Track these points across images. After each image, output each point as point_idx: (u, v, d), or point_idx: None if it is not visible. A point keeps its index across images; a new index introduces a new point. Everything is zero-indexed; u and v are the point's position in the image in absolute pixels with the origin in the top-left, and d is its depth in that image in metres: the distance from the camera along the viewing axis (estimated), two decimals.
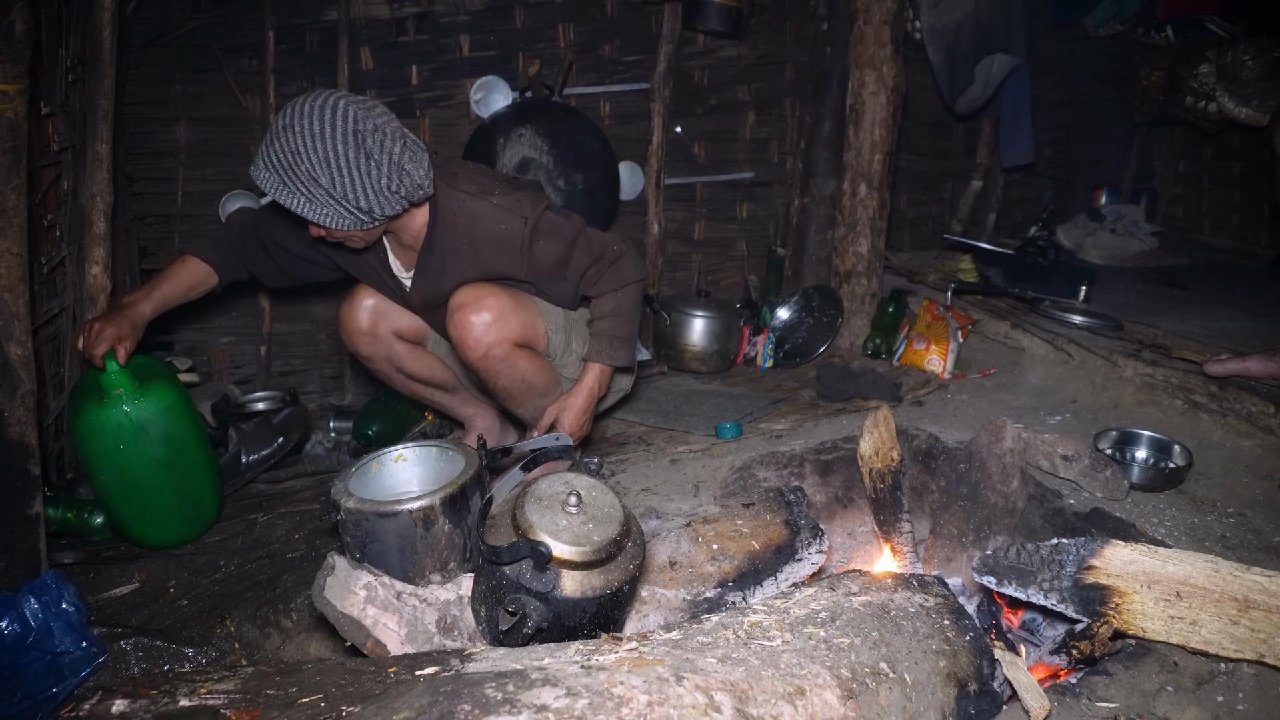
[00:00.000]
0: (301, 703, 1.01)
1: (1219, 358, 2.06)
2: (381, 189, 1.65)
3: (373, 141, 1.61)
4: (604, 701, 0.90)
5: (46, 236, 2.34)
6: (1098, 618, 1.28)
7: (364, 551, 1.43)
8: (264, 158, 1.61)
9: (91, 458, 1.91)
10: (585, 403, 1.94)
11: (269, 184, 1.62)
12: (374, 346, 2.07)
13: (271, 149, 1.59)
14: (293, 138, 1.57)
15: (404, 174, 1.67)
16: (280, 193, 1.62)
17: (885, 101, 2.69)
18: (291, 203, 1.63)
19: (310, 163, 1.58)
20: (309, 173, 1.59)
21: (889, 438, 1.81)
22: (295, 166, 1.59)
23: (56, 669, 1.56)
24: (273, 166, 1.60)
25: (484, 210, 1.82)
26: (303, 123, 1.57)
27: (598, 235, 1.92)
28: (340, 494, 1.46)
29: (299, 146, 1.57)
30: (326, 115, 1.58)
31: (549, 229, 1.85)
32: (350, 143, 1.59)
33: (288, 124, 1.58)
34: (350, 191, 1.62)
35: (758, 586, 1.51)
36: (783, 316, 3.12)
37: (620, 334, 1.93)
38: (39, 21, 2.06)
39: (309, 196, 1.62)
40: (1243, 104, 3.31)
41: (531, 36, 3.10)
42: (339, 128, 1.58)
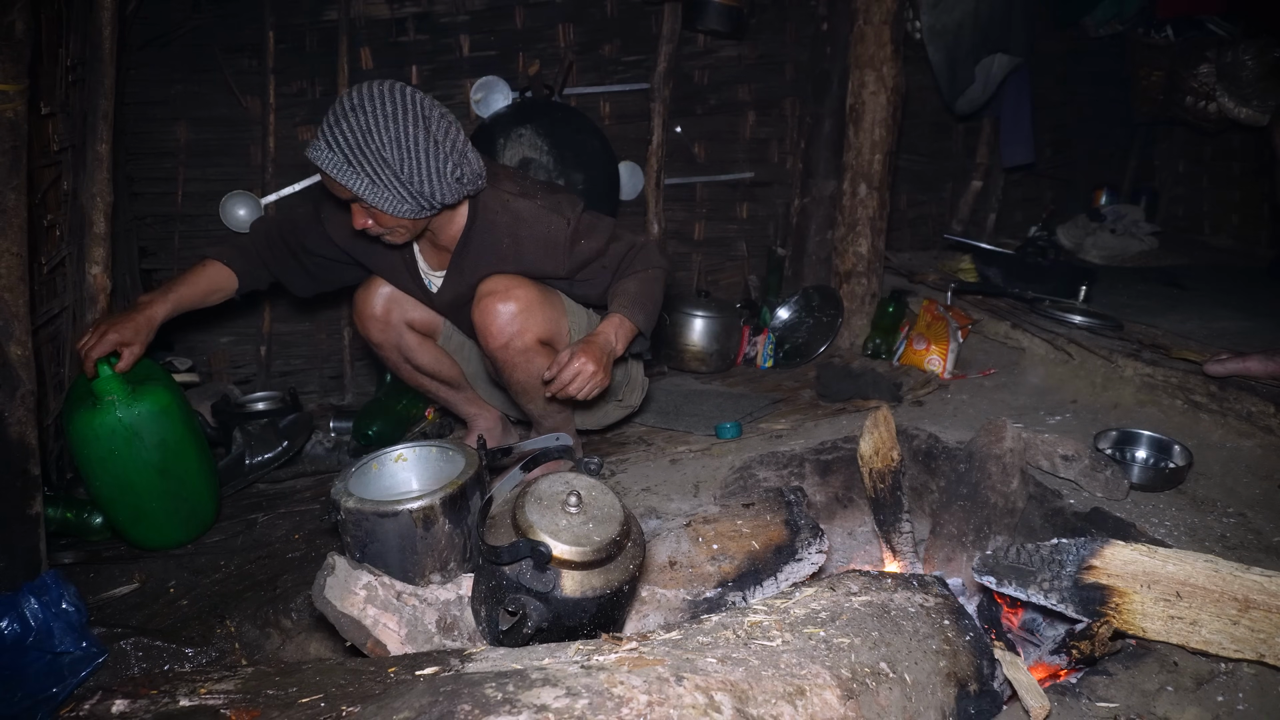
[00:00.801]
0: (301, 703, 1.01)
1: (1219, 358, 2.06)
2: (446, 175, 1.66)
3: (438, 127, 1.63)
4: (604, 701, 0.90)
5: (46, 236, 2.34)
6: (1098, 618, 1.28)
7: (364, 551, 1.43)
8: (328, 137, 1.60)
9: (85, 463, 1.91)
10: (602, 344, 1.79)
11: (331, 163, 1.61)
12: (385, 334, 2.07)
13: (338, 129, 1.59)
14: (364, 117, 1.57)
15: (466, 162, 1.69)
16: (343, 172, 1.61)
17: (885, 101, 2.69)
18: (354, 183, 1.62)
19: (380, 142, 1.58)
20: (378, 152, 1.59)
21: (889, 438, 1.80)
22: (365, 145, 1.58)
23: (56, 669, 1.56)
24: (338, 145, 1.59)
25: (529, 211, 1.83)
26: (373, 103, 1.58)
27: (624, 230, 1.96)
28: (340, 494, 1.46)
29: (370, 125, 1.57)
30: (397, 98, 1.59)
31: (588, 228, 1.87)
32: (420, 126, 1.60)
33: (356, 104, 1.58)
34: (416, 174, 1.63)
35: (758, 586, 1.51)
36: (783, 316, 3.12)
37: (643, 301, 1.89)
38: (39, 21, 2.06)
39: (373, 178, 1.62)
40: (1243, 104, 3.31)
41: (531, 36, 3.10)
42: (409, 110, 1.60)
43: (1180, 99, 3.54)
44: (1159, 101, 3.68)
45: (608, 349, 1.79)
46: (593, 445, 2.38)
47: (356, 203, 1.69)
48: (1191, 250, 3.83)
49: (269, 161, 2.96)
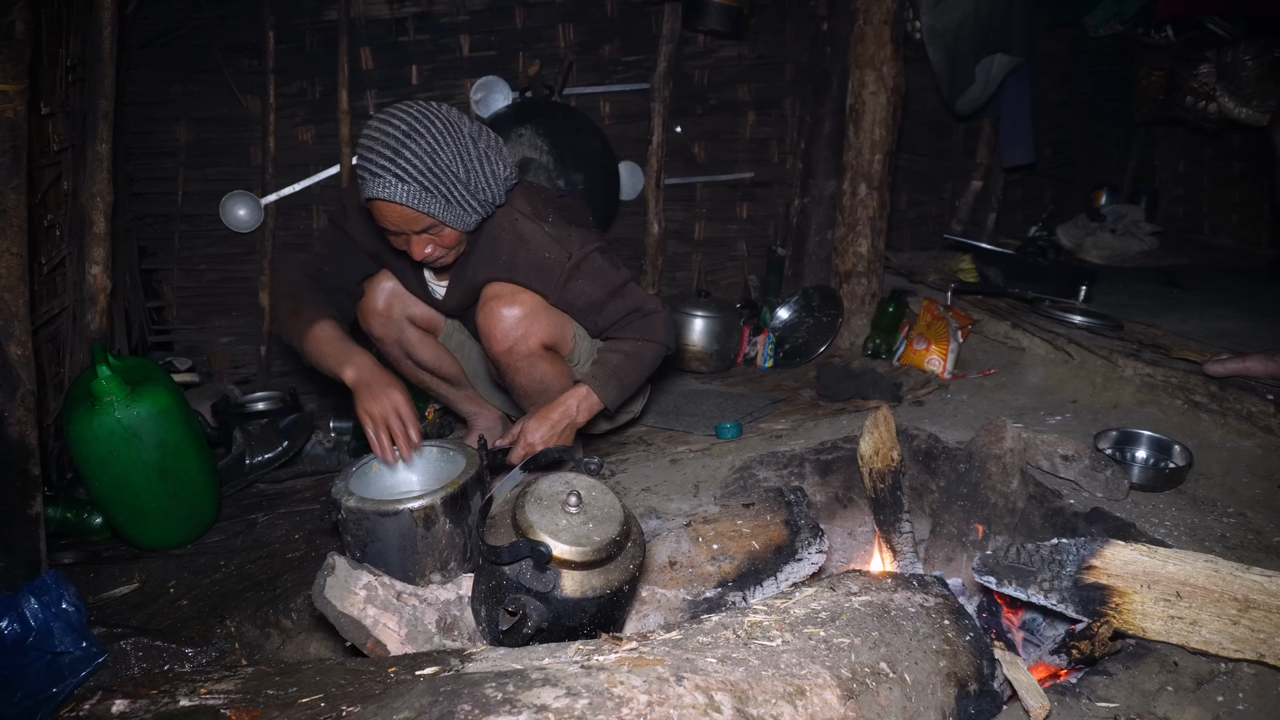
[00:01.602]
0: (301, 703, 1.01)
1: (1219, 358, 2.06)
2: (500, 176, 1.71)
3: (473, 129, 1.67)
4: (604, 701, 0.90)
5: (46, 236, 2.34)
6: (1098, 618, 1.28)
7: (364, 551, 1.43)
8: (395, 170, 1.57)
9: (85, 464, 1.91)
10: (558, 418, 1.85)
11: (407, 194, 1.59)
12: (386, 328, 2.06)
13: (401, 159, 1.57)
14: (424, 139, 1.58)
15: (504, 159, 1.72)
16: (422, 200, 1.60)
17: (885, 101, 2.69)
18: (432, 207, 1.62)
19: (448, 159, 1.60)
20: (448, 169, 1.61)
21: (889, 438, 1.80)
22: (435, 168, 1.59)
23: (56, 669, 1.56)
24: (410, 175, 1.58)
25: (534, 234, 1.80)
26: (425, 125, 1.59)
27: (640, 291, 1.91)
28: (341, 493, 1.47)
29: (435, 147, 1.58)
30: (440, 115, 1.61)
31: (591, 271, 1.83)
32: (466, 135, 1.64)
33: (411, 129, 1.57)
34: (480, 182, 1.67)
35: (758, 586, 1.51)
36: (783, 316, 3.12)
37: (622, 376, 1.90)
38: (39, 21, 2.06)
39: (449, 197, 1.63)
40: (1243, 104, 3.31)
41: (531, 36, 3.10)
42: (451, 123, 1.62)
43: (1180, 99, 3.54)
44: (1159, 101, 3.68)
45: (565, 421, 1.85)
46: (593, 445, 2.38)
47: (422, 234, 1.68)
48: (1191, 250, 3.83)
49: (269, 161, 2.96)
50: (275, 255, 3.04)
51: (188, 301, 3.04)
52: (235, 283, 3.05)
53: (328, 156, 3.02)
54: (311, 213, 3.07)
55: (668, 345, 1.93)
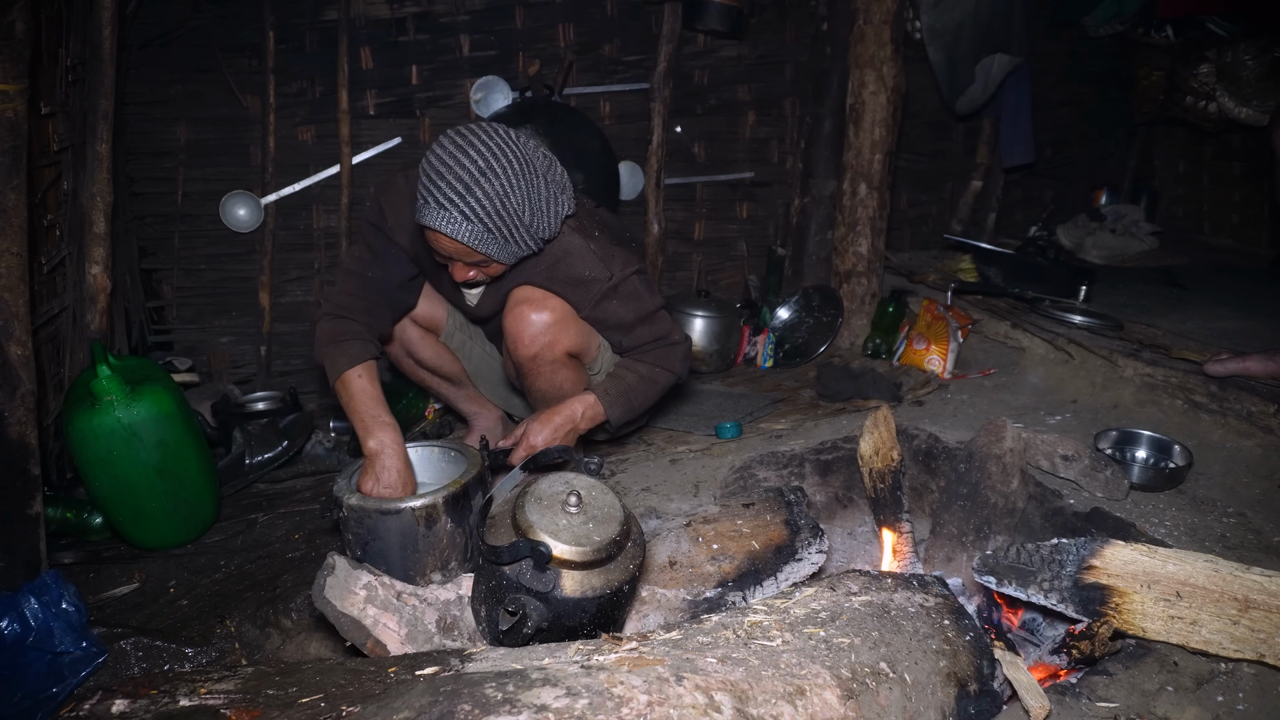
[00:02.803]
0: (301, 703, 1.01)
1: (1219, 358, 2.06)
2: (558, 216, 1.70)
3: (543, 163, 1.63)
4: (604, 701, 0.90)
5: (46, 236, 2.34)
6: (1098, 618, 1.28)
7: (365, 550, 1.43)
8: (463, 207, 1.54)
9: (85, 464, 1.91)
10: (561, 421, 1.85)
11: (468, 234, 1.56)
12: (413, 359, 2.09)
13: (472, 196, 1.53)
14: (499, 181, 1.54)
15: (568, 192, 1.71)
16: (482, 241, 1.59)
17: (885, 101, 2.69)
18: (489, 248, 1.61)
19: (518, 203, 1.58)
20: (516, 214, 1.58)
21: (889, 438, 1.80)
22: (503, 211, 1.56)
23: (56, 669, 1.56)
24: (476, 215, 1.55)
25: (578, 248, 1.78)
26: (502, 164, 1.55)
27: (667, 319, 1.91)
28: (342, 491, 1.47)
29: (507, 190, 1.55)
30: (515, 153, 1.57)
31: (628, 295, 1.83)
32: (539, 176, 1.61)
33: (488, 167, 1.53)
34: (543, 222, 1.65)
35: (758, 586, 1.51)
36: (783, 316, 3.12)
37: (632, 396, 1.91)
38: (39, 21, 2.06)
39: (508, 238, 1.61)
40: (1243, 104, 3.31)
41: (531, 36, 3.10)
42: (528, 165, 1.59)
43: (1180, 99, 3.54)
44: (1159, 101, 3.68)
45: (568, 426, 1.85)
46: (593, 445, 2.38)
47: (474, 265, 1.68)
48: (1191, 250, 3.83)
49: (269, 161, 2.96)
50: (275, 255, 3.04)
51: (188, 301, 3.04)
52: (235, 283, 3.05)
53: (328, 156, 3.02)
54: (311, 213, 3.07)
55: (680, 377, 1.94)
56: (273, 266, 3.04)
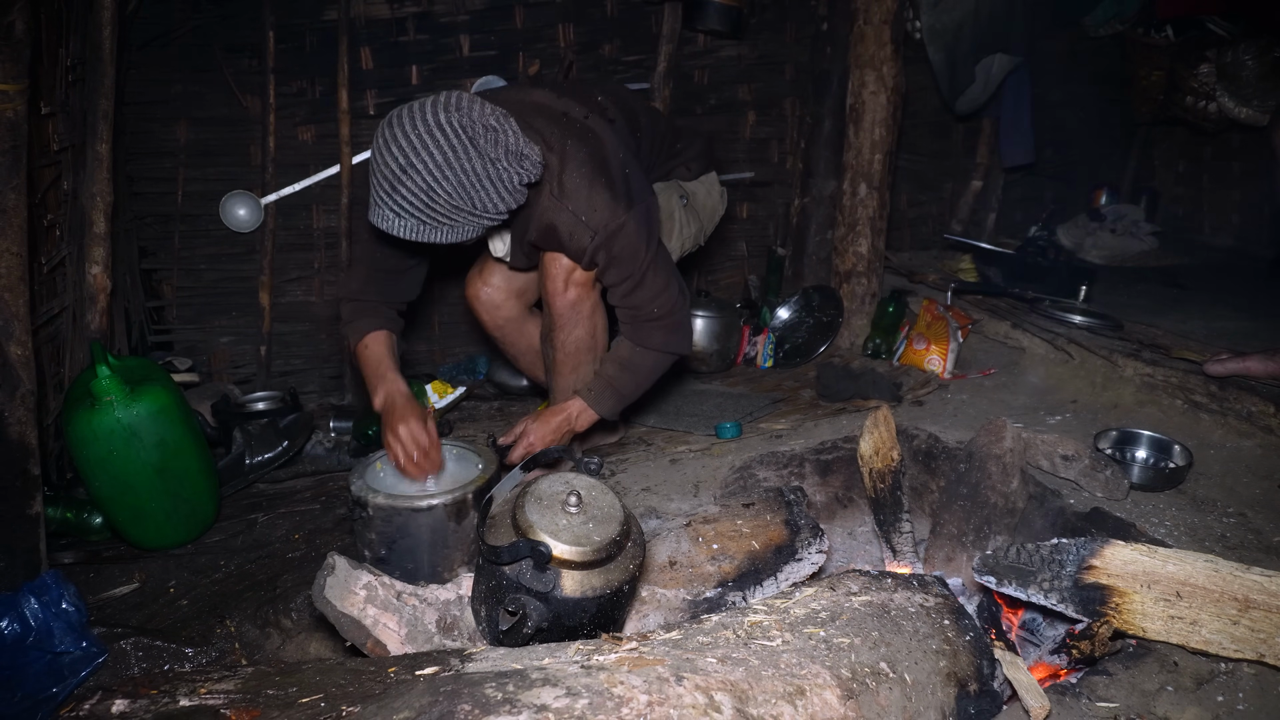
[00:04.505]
0: (301, 703, 1.01)
1: (1219, 358, 2.06)
2: (512, 186, 1.61)
3: (487, 142, 1.55)
4: (604, 701, 0.90)
5: (46, 236, 2.34)
6: (1098, 618, 1.28)
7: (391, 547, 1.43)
8: (392, 206, 1.53)
9: (85, 464, 1.91)
10: (560, 423, 1.90)
11: (407, 228, 1.55)
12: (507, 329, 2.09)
13: (398, 195, 1.51)
14: (419, 176, 1.50)
15: (523, 160, 1.62)
16: (421, 232, 1.56)
17: (885, 101, 2.69)
18: (434, 236, 1.58)
19: (447, 193, 1.52)
20: (448, 202, 1.54)
21: (889, 438, 1.80)
22: (433, 204, 1.53)
23: (56, 669, 1.56)
24: (408, 211, 1.53)
25: (560, 217, 1.74)
26: (421, 158, 1.50)
27: (652, 287, 1.80)
28: (364, 490, 1.47)
29: (430, 183, 1.51)
30: (438, 138, 1.50)
31: (619, 253, 1.75)
32: (473, 153, 1.53)
33: (406, 164, 1.50)
34: (489, 201, 1.58)
35: (758, 586, 1.51)
36: (783, 316, 3.12)
37: (618, 386, 1.89)
38: (39, 21, 2.06)
39: (451, 224, 1.58)
40: (1243, 104, 3.31)
41: (531, 36, 3.10)
42: (456, 145, 1.51)
43: (1180, 99, 3.54)
44: (1159, 101, 3.68)
45: (566, 427, 1.90)
46: (593, 444, 2.38)
47: None
48: (1191, 250, 3.83)
49: (269, 161, 2.96)
50: (275, 255, 3.04)
51: (188, 301, 3.04)
52: (235, 283, 3.05)
53: (328, 156, 3.02)
54: (312, 213, 3.07)
55: (667, 350, 1.88)
56: (273, 266, 3.04)
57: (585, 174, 1.73)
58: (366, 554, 1.58)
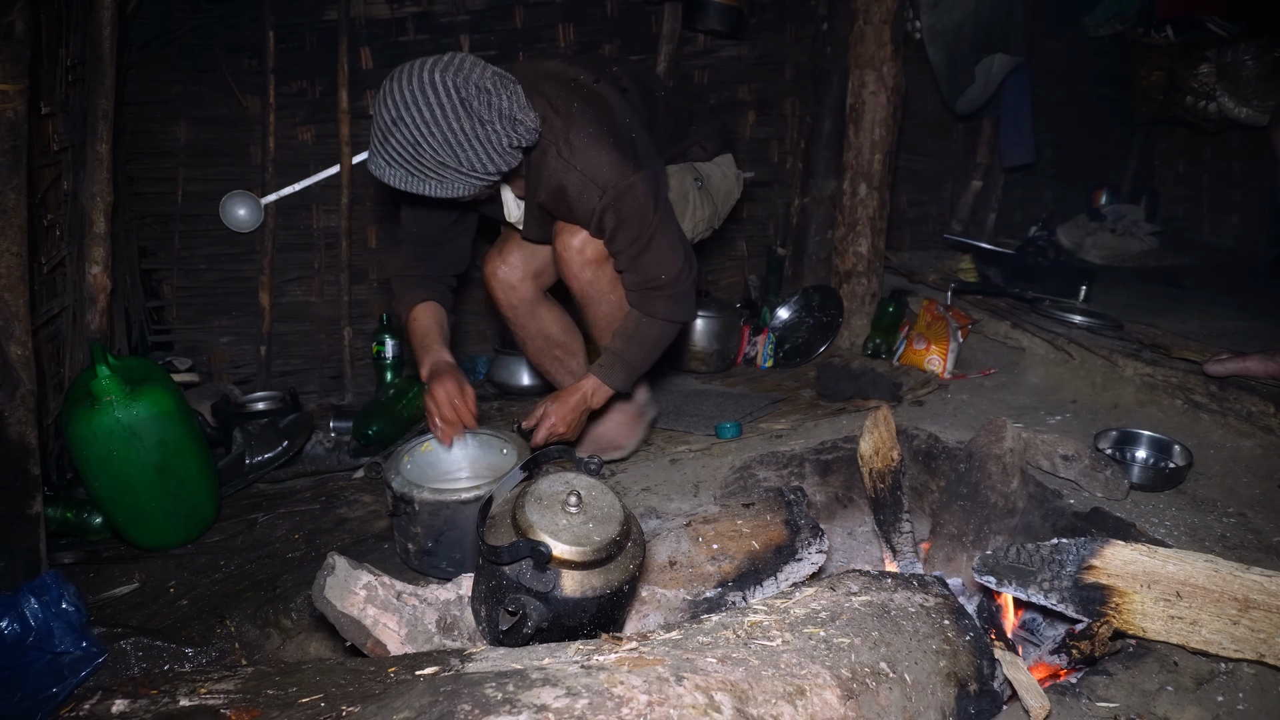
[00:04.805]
0: (301, 703, 1.01)
1: (1219, 358, 2.06)
2: (502, 148, 1.63)
3: (479, 104, 1.59)
4: (604, 701, 0.90)
5: (46, 236, 2.34)
6: (1098, 618, 1.28)
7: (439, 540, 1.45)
8: (383, 156, 1.60)
9: (85, 464, 1.91)
10: (576, 402, 1.93)
11: (396, 178, 1.61)
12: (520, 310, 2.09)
13: (388, 146, 1.58)
14: (407, 130, 1.56)
15: (516, 124, 1.64)
16: (409, 183, 1.61)
17: (885, 101, 2.69)
18: (423, 189, 1.63)
19: (433, 148, 1.57)
20: (434, 157, 1.58)
21: (889, 438, 1.80)
22: (419, 157, 1.58)
23: (56, 669, 1.56)
24: (396, 161, 1.59)
25: (569, 177, 1.75)
26: (410, 112, 1.55)
27: (655, 253, 1.80)
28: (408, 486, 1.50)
29: (417, 138, 1.56)
30: (430, 95, 1.55)
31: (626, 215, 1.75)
32: (462, 113, 1.57)
33: (396, 117, 1.56)
34: (476, 160, 1.61)
35: (758, 586, 1.51)
36: (783, 316, 3.12)
37: (627, 358, 1.90)
38: (39, 21, 2.06)
39: (439, 179, 1.62)
40: (1243, 104, 3.31)
41: (532, 36, 3.10)
42: (446, 104, 1.56)
43: (1180, 99, 3.54)
44: (1159, 101, 3.68)
45: (583, 406, 1.93)
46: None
47: None
48: (1191, 250, 3.83)
49: (269, 161, 2.96)
50: (275, 255, 3.04)
51: (188, 301, 3.04)
52: (235, 283, 3.05)
53: (328, 156, 3.02)
54: (312, 213, 3.07)
55: (671, 319, 1.89)
56: (273, 266, 3.04)
57: (592, 134, 1.74)
58: (410, 548, 1.59)
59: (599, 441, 2.11)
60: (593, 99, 1.81)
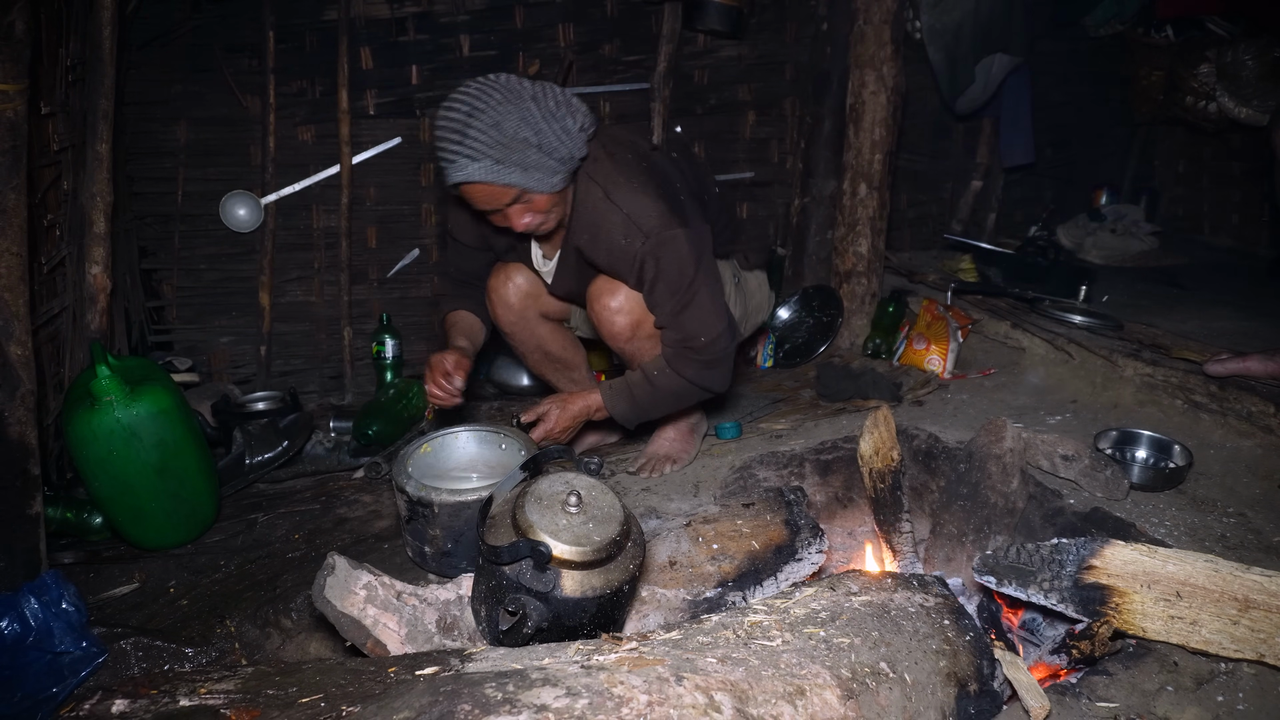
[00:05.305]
0: (301, 703, 1.01)
1: (1219, 358, 2.06)
2: (572, 130, 1.66)
3: (538, 90, 1.65)
4: (604, 701, 0.90)
5: (46, 236, 2.34)
6: (1098, 617, 1.28)
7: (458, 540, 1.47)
8: (466, 151, 1.59)
9: (84, 463, 1.91)
10: (579, 411, 1.93)
11: (482, 172, 1.60)
12: (518, 326, 2.09)
13: (468, 140, 1.59)
14: (485, 115, 1.59)
15: (574, 111, 1.68)
16: (498, 173, 1.61)
17: (885, 101, 2.68)
18: (511, 178, 1.62)
19: (514, 124, 1.59)
20: (516, 135, 1.59)
21: (889, 437, 1.80)
22: (502, 139, 1.59)
23: (56, 669, 1.56)
24: (481, 152, 1.59)
25: (608, 216, 1.75)
26: (483, 101, 1.60)
27: (704, 309, 1.77)
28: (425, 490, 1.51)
29: (498, 119, 1.59)
30: (495, 86, 1.62)
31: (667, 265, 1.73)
32: (527, 97, 1.62)
33: (471, 110, 1.59)
34: (552, 140, 1.63)
35: (758, 586, 1.51)
36: (783, 316, 3.12)
37: (638, 397, 1.89)
38: (39, 21, 2.07)
39: (523, 163, 1.62)
40: (1243, 104, 3.31)
41: (531, 36, 3.10)
42: (510, 92, 1.61)
43: (1180, 99, 3.54)
44: (1159, 101, 3.68)
45: (584, 416, 1.94)
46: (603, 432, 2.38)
47: (513, 205, 1.68)
48: (1191, 250, 3.83)
49: (269, 161, 2.96)
50: (275, 255, 3.04)
51: (188, 301, 3.04)
52: (235, 283, 3.06)
53: (328, 156, 3.02)
54: (311, 213, 3.07)
55: (698, 385, 1.85)
56: (273, 266, 3.04)
57: (641, 183, 1.76)
58: (428, 551, 1.60)
59: (657, 456, 2.11)
60: (646, 156, 1.84)
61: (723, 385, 1.89)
